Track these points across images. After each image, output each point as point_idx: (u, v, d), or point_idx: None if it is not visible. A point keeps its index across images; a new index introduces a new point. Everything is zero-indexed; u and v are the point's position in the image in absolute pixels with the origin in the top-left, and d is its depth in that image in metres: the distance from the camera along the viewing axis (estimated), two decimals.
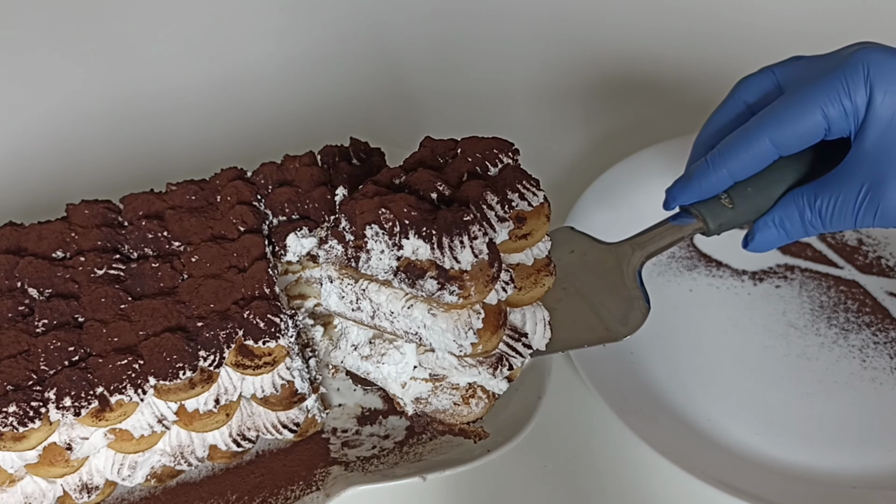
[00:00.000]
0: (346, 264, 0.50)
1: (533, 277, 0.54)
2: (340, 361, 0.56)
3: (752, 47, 1.08)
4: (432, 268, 0.47)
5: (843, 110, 0.57)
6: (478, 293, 0.47)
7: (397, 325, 0.51)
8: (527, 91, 1.03)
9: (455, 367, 0.51)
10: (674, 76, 1.04)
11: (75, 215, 0.66)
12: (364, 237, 0.48)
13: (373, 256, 0.49)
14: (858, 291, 0.78)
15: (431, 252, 0.47)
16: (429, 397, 0.54)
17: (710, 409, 0.70)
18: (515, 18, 1.14)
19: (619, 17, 1.13)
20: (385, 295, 0.50)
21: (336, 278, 0.51)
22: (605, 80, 1.05)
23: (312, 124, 0.98)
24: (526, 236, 0.52)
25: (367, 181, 0.53)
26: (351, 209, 0.49)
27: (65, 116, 0.99)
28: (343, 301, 0.52)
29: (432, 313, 0.49)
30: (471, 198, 0.49)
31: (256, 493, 0.64)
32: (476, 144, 0.54)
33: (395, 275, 0.48)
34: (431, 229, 0.47)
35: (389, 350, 0.53)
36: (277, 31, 1.12)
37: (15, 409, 0.55)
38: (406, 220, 0.47)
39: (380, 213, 0.47)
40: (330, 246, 0.51)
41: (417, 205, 0.48)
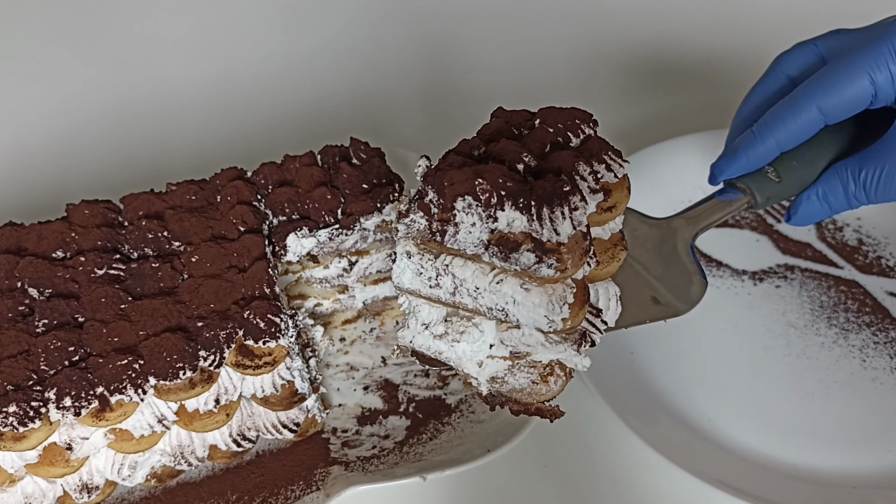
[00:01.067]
0: (430, 238, 0.47)
1: (610, 252, 0.53)
2: (409, 341, 0.54)
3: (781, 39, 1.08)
4: (527, 240, 0.45)
5: (889, 75, 0.57)
6: (574, 266, 0.45)
7: (481, 301, 0.49)
8: (528, 91, 1.03)
9: (541, 344, 0.49)
10: (702, 68, 1.04)
11: (75, 215, 0.66)
12: (453, 210, 0.46)
13: (461, 230, 0.46)
14: (858, 291, 0.78)
15: (529, 224, 0.45)
16: (505, 376, 0.52)
17: (710, 409, 0.70)
18: (518, 19, 1.14)
19: (644, 7, 1.13)
20: (471, 270, 0.48)
21: (416, 253, 0.48)
22: (632, 70, 1.05)
23: (312, 124, 0.98)
24: (611, 209, 0.50)
25: (447, 153, 0.50)
26: (439, 180, 0.46)
27: (65, 116, 0.99)
28: (420, 277, 0.49)
29: (525, 288, 0.47)
30: (563, 168, 0.47)
31: (256, 493, 0.64)
32: (557, 114, 0.52)
33: (487, 248, 0.46)
34: (530, 200, 0.45)
35: (468, 328, 0.51)
36: (277, 32, 1.12)
37: (15, 409, 0.55)
38: (502, 191, 0.45)
39: (476, 183, 0.45)
40: (412, 220, 0.48)
41: (511, 175, 0.46)
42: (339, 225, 0.68)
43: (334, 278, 0.73)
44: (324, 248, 0.69)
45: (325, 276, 0.72)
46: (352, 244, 0.70)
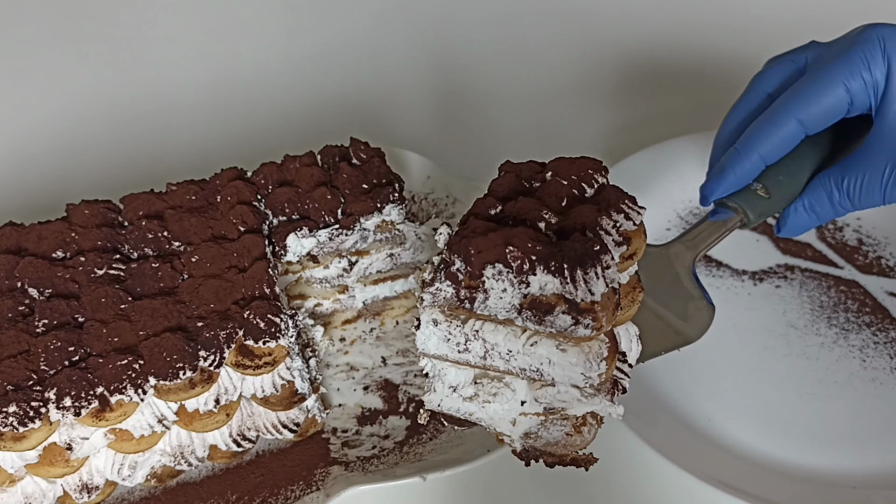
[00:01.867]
0: (458, 306, 0.47)
1: (630, 296, 0.53)
2: (437, 405, 0.54)
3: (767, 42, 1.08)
4: (561, 302, 0.45)
5: (863, 83, 0.58)
6: (608, 322, 0.46)
7: (514, 363, 0.49)
8: (528, 91, 1.03)
9: (577, 399, 0.50)
10: (701, 68, 1.04)
11: (75, 215, 0.66)
12: (482, 277, 0.46)
13: (491, 296, 0.46)
14: (858, 291, 0.78)
15: (562, 286, 0.45)
16: (539, 431, 0.53)
17: (710, 410, 0.70)
18: (518, 19, 1.14)
19: (643, 7, 1.13)
20: (503, 334, 0.48)
21: (443, 321, 0.49)
22: (632, 70, 1.05)
23: (312, 124, 0.98)
24: (632, 256, 0.51)
25: (466, 216, 0.50)
26: (465, 248, 0.46)
27: (65, 116, 0.99)
28: (448, 343, 0.50)
29: (561, 349, 0.47)
30: (587, 225, 0.47)
31: (256, 493, 0.64)
32: (570, 166, 0.52)
33: (520, 312, 0.46)
34: (562, 263, 0.45)
35: (500, 389, 0.51)
36: (278, 32, 1.12)
37: (15, 409, 0.55)
38: (533, 256, 0.45)
39: (507, 250, 0.45)
40: (437, 288, 0.47)
41: (539, 238, 0.46)
42: (339, 225, 0.68)
43: (334, 278, 0.73)
44: (324, 248, 0.69)
45: (325, 276, 0.72)
46: (352, 244, 0.70)
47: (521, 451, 0.54)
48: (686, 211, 0.85)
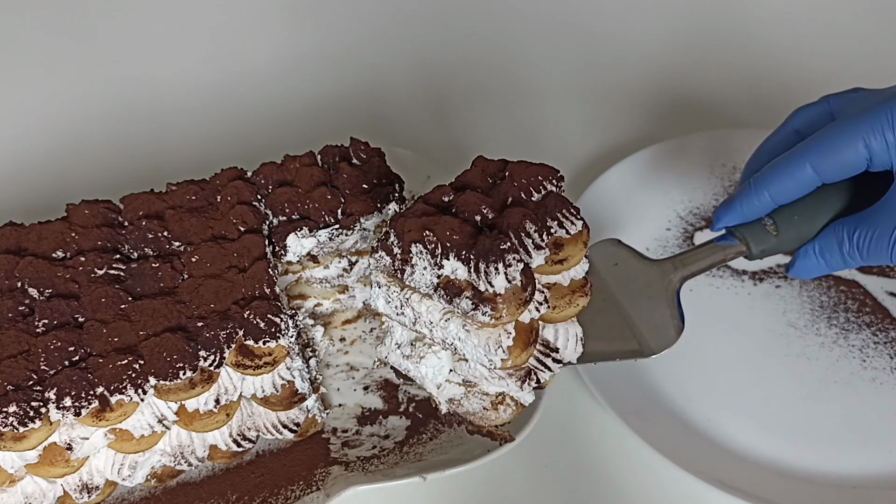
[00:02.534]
0: (393, 274, 0.54)
1: (567, 298, 0.56)
2: (385, 356, 0.60)
3: (766, 40, 1.08)
4: (469, 288, 0.51)
5: (884, 143, 0.57)
6: (509, 314, 0.50)
7: (435, 333, 0.55)
8: (528, 91, 1.03)
9: (485, 378, 0.55)
10: (690, 70, 1.04)
11: (75, 215, 0.66)
12: (410, 253, 0.52)
13: (416, 271, 0.52)
14: (858, 291, 0.78)
15: (468, 274, 0.50)
16: (461, 399, 0.58)
17: (710, 410, 0.70)
18: (518, 19, 1.14)
19: (635, 10, 1.13)
20: (426, 306, 0.54)
21: (384, 284, 0.55)
22: (622, 73, 1.05)
23: (312, 124, 0.98)
24: (562, 261, 0.54)
25: (418, 199, 0.56)
26: (400, 226, 0.52)
27: (65, 116, 0.99)
28: (389, 305, 0.56)
29: (466, 329, 0.53)
30: (510, 224, 0.52)
31: (256, 493, 0.64)
32: (524, 170, 0.56)
33: (436, 290, 0.52)
34: (470, 254, 0.50)
35: (428, 354, 0.57)
36: (277, 32, 1.12)
37: (15, 409, 0.55)
38: (448, 243, 0.50)
39: (424, 234, 0.51)
40: (380, 255, 0.54)
41: (460, 228, 0.51)
42: (339, 225, 0.68)
43: (334, 278, 0.73)
44: (324, 248, 0.70)
45: (326, 276, 0.72)
46: (352, 244, 0.70)
47: (445, 413, 0.59)
48: (686, 211, 0.85)
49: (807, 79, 1.04)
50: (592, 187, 0.83)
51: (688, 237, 0.83)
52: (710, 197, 0.87)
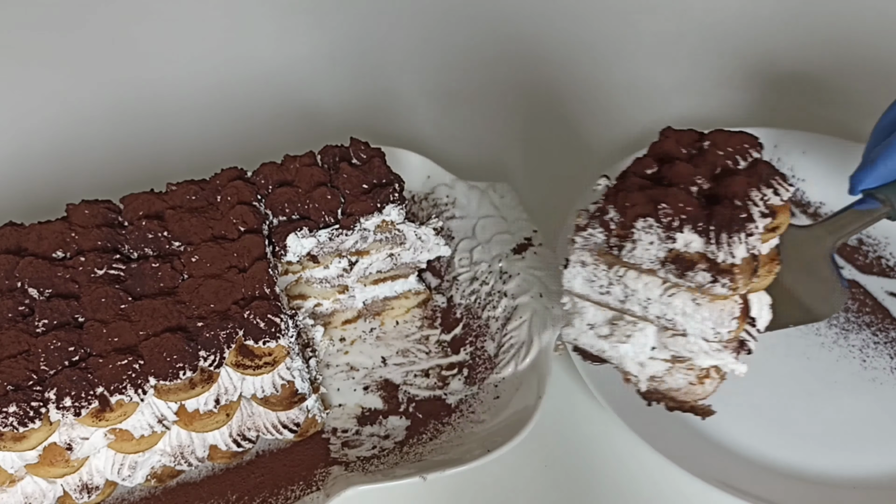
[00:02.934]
0: (607, 252, 0.52)
1: (767, 266, 0.55)
2: (573, 339, 0.59)
3: (769, 38, 1.08)
4: (702, 260, 0.49)
5: None
6: (744, 285, 0.50)
7: (651, 310, 0.53)
8: (528, 90, 1.03)
9: (704, 352, 0.54)
10: (693, 69, 1.04)
11: (75, 215, 0.66)
12: (632, 228, 0.50)
13: (639, 247, 0.51)
14: (858, 291, 0.77)
15: (705, 246, 0.49)
16: (664, 376, 0.57)
17: None
18: (518, 19, 1.14)
19: (636, 10, 1.13)
20: (643, 282, 0.52)
21: (590, 263, 0.53)
22: (623, 73, 1.05)
23: (312, 124, 0.98)
24: (774, 229, 0.54)
25: (625, 172, 0.53)
26: (621, 201, 0.51)
27: (65, 117, 0.99)
28: (592, 284, 0.54)
29: (697, 303, 0.51)
30: (735, 193, 0.51)
31: (257, 493, 0.64)
32: (727, 139, 0.55)
33: (663, 265, 0.51)
34: (709, 225, 0.49)
35: (634, 332, 0.55)
36: (278, 32, 1.12)
37: (15, 409, 0.55)
38: (683, 216, 0.49)
39: (658, 207, 0.49)
40: (590, 233, 0.52)
41: (689, 200, 0.50)
42: (339, 225, 0.68)
43: (334, 278, 0.73)
44: (324, 248, 0.70)
45: (325, 276, 0.72)
46: (352, 244, 0.70)
47: (645, 391, 0.58)
48: None
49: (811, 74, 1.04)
50: (592, 187, 0.83)
51: None
52: None
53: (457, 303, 0.76)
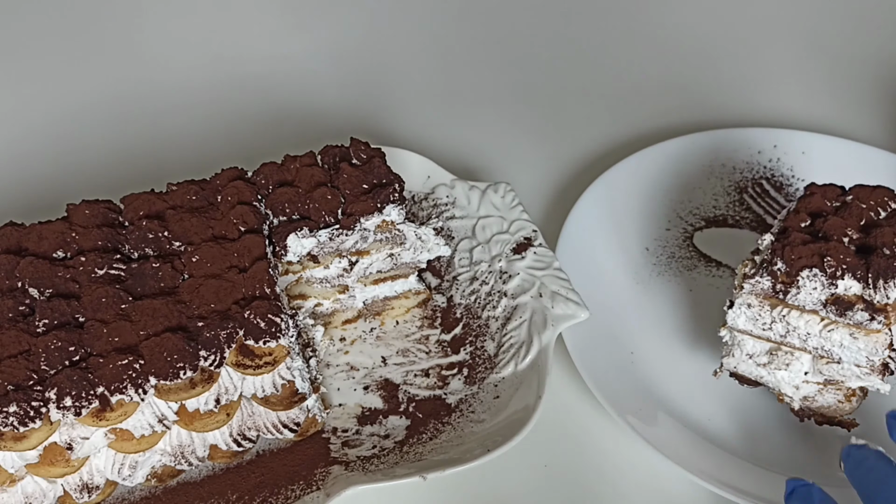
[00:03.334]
0: (772, 296, 0.63)
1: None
2: (734, 367, 0.69)
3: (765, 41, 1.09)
4: (860, 301, 0.60)
5: None
6: (894, 321, 0.60)
7: (809, 342, 0.64)
8: (528, 90, 1.03)
9: (856, 376, 0.64)
10: (691, 70, 1.05)
11: (76, 215, 0.66)
12: (798, 276, 0.60)
13: (803, 292, 0.61)
14: None
15: (863, 290, 0.60)
16: (815, 396, 0.67)
17: (710, 410, 0.70)
18: (518, 18, 1.14)
19: (636, 10, 1.14)
20: (805, 320, 0.63)
21: (755, 305, 0.64)
22: (623, 73, 1.05)
23: (312, 124, 0.98)
24: None
25: (783, 227, 0.64)
26: (788, 254, 0.61)
27: (65, 116, 0.99)
28: (754, 323, 0.65)
29: (854, 336, 0.62)
30: (885, 243, 0.61)
31: (257, 493, 0.64)
32: (870, 193, 0.64)
33: (825, 306, 0.61)
34: (867, 273, 0.59)
35: (792, 360, 0.65)
36: (278, 32, 1.12)
37: (15, 409, 0.55)
38: (844, 266, 0.60)
39: (825, 260, 0.60)
40: (757, 281, 0.63)
41: (848, 252, 0.60)
42: (340, 225, 0.68)
43: (334, 278, 0.73)
44: (324, 248, 0.70)
45: (326, 276, 0.73)
46: (352, 244, 0.70)
47: (798, 409, 0.68)
48: (686, 211, 0.85)
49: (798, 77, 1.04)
50: (593, 187, 0.83)
51: (687, 237, 0.83)
52: (709, 197, 0.87)
53: (457, 303, 0.76)
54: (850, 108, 0.99)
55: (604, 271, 0.79)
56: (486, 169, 0.92)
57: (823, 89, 1.02)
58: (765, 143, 0.90)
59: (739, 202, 0.86)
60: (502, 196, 0.79)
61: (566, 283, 0.71)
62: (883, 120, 0.97)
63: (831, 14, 1.14)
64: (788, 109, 0.99)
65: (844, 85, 1.03)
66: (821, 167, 0.87)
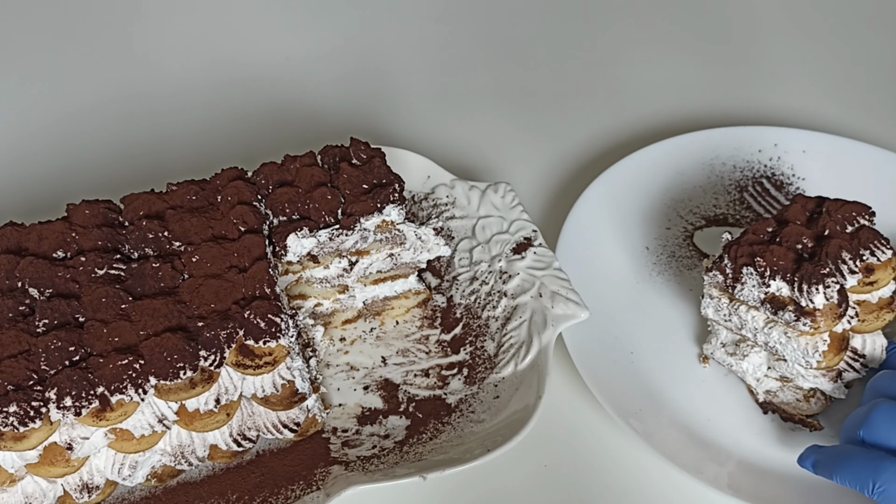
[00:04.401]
0: (725, 289, 0.67)
1: (875, 313, 0.66)
2: (711, 353, 0.72)
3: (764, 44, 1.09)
4: (791, 303, 0.63)
5: None
6: (826, 326, 0.63)
7: (758, 337, 0.67)
8: (528, 90, 1.03)
9: (801, 375, 0.67)
10: (671, 77, 1.05)
11: (76, 215, 0.66)
12: (741, 273, 0.65)
13: (745, 288, 0.65)
14: None
15: (791, 292, 0.63)
16: (777, 391, 0.69)
17: (710, 410, 0.70)
18: (517, 18, 1.14)
19: (635, 12, 1.14)
20: (751, 315, 0.66)
21: (716, 297, 0.68)
22: (623, 73, 1.05)
23: (312, 124, 0.98)
24: (872, 283, 0.65)
25: (748, 230, 0.67)
26: (733, 253, 0.66)
27: (65, 116, 0.99)
28: (718, 313, 0.69)
29: (788, 336, 0.65)
30: (829, 253, 0.64)
31: (257, 493, 0.64)
32: (840, 207, 0.67)
33: (762, 304, 0.65)
34: (794, 276, 0.63)
35: (750, 353, 0.68)
36: (278, 31, 1.12)
37: (15, 409, 0.55)
38: (774, 268, 0.63)
39: (756, 260, 0.64)
40: (714, 273, 0.67)
41: (785, 255, 0.64)
42: (340, 225, 0.68)
43: (334, 278, 0.73)
44: (324, 248, 0.70)
45: (326, 276, 0.73)
46: (352, 244, 0.70)
47: (762, 402, 0.70)
48: (686, 210, 0.85)
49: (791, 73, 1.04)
50: (592, 186, 0.83)
51: (688, 236, 0.83)
52: (709, 196, 0.87)
53: (457, 303, 0.76)
54: (851, 107, 0.99)
55: (604, 271, 0.79)
56: (486, 169, 0.92)
57: (824, 87, 1.02)
58: (765, 141, 0.89)
59: (740, 201, 0.86)
60: (502, 196, 0.79)
61: (566, 282, 0.71)
62: (884, 118, 0.97)
63: (832, 11, 1.14)
64: (789, 108, 0.99)
65: (845, 83, 1.03)
66: (822, 166, 0.87)
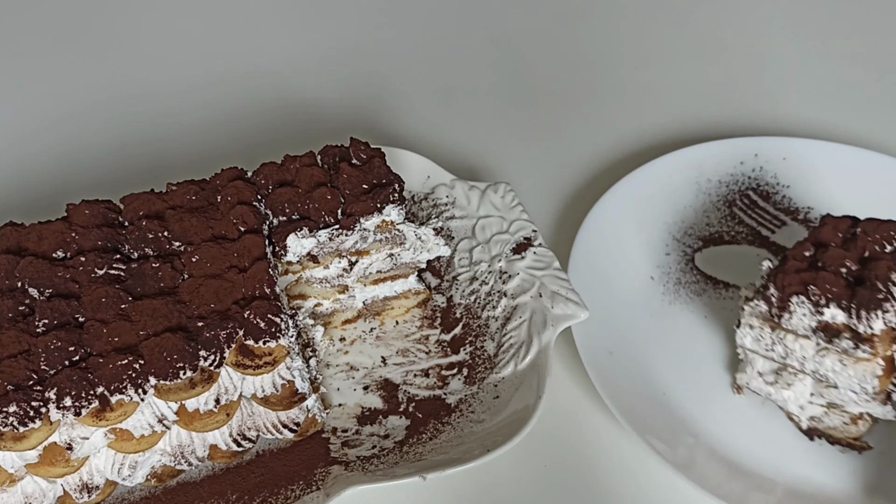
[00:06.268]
0: (769, 318, 0.65)
1: None
2: (746, 383, 0.70)
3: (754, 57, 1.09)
4: (847, 330, 0.62)
5: None
6: (883, 351, 0.62)
7: (806, 366, 0.65)
8: (527, 91, 1.03)
9: (853, 401, 0.65)
10: (683, 82, 1.04)
11: (76, 215, 0.66)
12: (789, 302, 0.63)
13: (794, 317, 0.63)
14: None
15: (848, 319, 0.61)
16: (822, 417, 0.68)
17: (709, 410, 0.70)
18: (522, 18, 1.14)
19: (635, 15, 1.14)
20: (800, 344, 0.65)
21: (756, 326, 0.66)
22: (623, 72, 1.05)
23: (312, 124, 0.98)
24: None
25: (784, 256, 0.66)
26: (780, 281, 0.64)
27: (65, 116, 0.99)
28: (759, 343, 0.67)
29: (843, 363, 0.63)
30: (878, 276, 0.62)
31: (257, 493, 0.64)
32: (877, 227, 0.65)
33: (815, 332, 0.63)
34: (851, 303, 0.61)
35: (795, 381, 0.67)
36: (278, 31, 1.12)
37: (15, 409, 0.55)
38: (829, 295, 0.62)
39: (808, 288, 0.62)
40: (755, 303, 0.65)
41: (836, 282, 0.62)
42: (339, 225, 0.68)
43: (334, 278, 0.73)
44: (324, 248, 0.70)
45: (325, 276, 0.73)
46: (352, 244, 0.70)
47: (806, 429, 0.68)
48: (681, 232, 0.83)
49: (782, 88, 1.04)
50: (585, 223, 0.79)
51: (689, 260, 0.81)
52: (700, 215, 0.85)
53: (457, 303, 0.76)
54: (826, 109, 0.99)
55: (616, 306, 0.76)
56: (486, 169, 0.92)
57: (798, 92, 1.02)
58: (746, 152, 0.88)
59: (731, 216, 0.85)
60: (502, 196, 0.79)
61: (566, 282, 0.71)
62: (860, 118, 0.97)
63: (804, 16, 1.13)
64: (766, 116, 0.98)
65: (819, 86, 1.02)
66: (803, 171, 0.86)
